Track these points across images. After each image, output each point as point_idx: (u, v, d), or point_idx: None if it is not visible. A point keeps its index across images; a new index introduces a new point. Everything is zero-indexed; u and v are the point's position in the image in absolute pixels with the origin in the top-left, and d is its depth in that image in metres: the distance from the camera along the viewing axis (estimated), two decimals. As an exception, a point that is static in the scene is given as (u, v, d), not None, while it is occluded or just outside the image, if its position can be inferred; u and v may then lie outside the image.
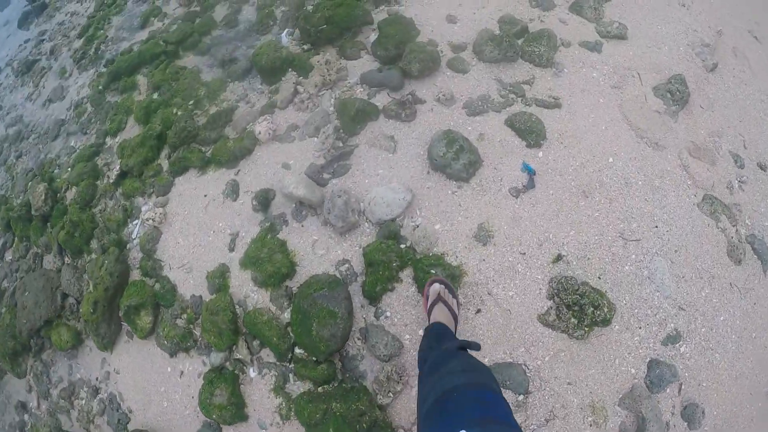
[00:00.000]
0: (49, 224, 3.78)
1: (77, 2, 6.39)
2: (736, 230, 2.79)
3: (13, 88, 5.63)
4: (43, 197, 3.78)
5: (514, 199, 2.70)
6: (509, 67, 3.23)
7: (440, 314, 2.09)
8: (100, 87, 4.20)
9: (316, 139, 3.06)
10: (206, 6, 4.34)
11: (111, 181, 3.54)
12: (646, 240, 2.59)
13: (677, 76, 3.22)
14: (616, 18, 3.61)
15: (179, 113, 3.52)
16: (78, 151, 3.96)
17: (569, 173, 2.78)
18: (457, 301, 2.28)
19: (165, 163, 3.43)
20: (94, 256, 3.48)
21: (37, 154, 4.33)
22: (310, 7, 3.73)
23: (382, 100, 3.15)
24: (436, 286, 2.20)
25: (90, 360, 3.36)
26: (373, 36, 3.47)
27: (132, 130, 3.77)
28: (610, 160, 2.85)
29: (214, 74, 3.73)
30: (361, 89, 3.23)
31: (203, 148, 3.32)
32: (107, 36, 4.84)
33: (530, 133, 2.86)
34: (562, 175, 2.77)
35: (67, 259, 3.64)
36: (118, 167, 3.55)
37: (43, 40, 6.02)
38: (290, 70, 3.41)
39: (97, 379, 3.26)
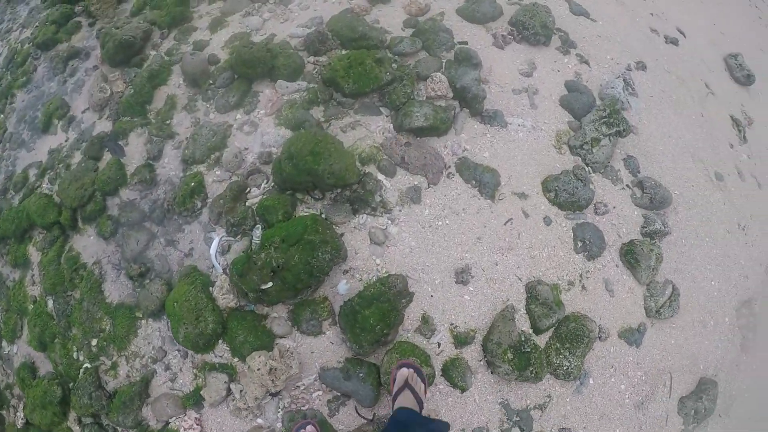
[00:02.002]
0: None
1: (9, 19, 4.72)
2: None
3: None
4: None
5: None
6: (523, 383, 2.25)
7: (405, 400, 1.97)
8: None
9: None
10: (117, 130, 2.95)
11: (18, 426, 2.80)
12: None
13: (710, 385, 2.55)
14: (671, 272, 2.69)
15: (82, 359, 2.60)
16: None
17: None
18: (425, 386, 2.06)
19: (76, 429, 2.62)
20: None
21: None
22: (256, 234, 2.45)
23: (346, 417, 2.20)
24: (404, 371, 2.03)
25: None
26: (344, 285, 2.31)
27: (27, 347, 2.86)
28: None
29: (120, 289, 2.64)
30: (320, 393, 2.23)
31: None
32: (6, 128, 3.50)
33: None
34: None
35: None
36: (22, 412, 2.76)
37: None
38: (221, 341, 2.36)
39: None
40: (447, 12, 3.27)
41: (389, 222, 2.44)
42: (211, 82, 2.96)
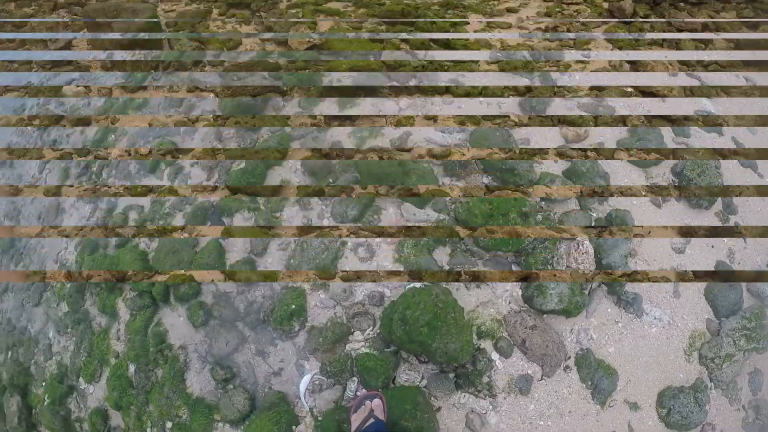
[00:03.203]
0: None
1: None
2: None
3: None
4: (17, 418, 3.23)
5: None
6: None
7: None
8: (82, 268, 3.12)
9: None
10: (223, 207, 2.79)
11: (75, 457, 2.93)
12: None
13: None
14: None
15: (151, 435, 2.62)
16: (54, 371, 3.18)
17: None
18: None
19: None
20: None
21: (20, 309, 3.57)
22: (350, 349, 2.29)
23: None
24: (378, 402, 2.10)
25: None
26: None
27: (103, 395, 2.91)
28: None
29: (202, 383, 2.59)
30: None
31: None
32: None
33: None
34: None
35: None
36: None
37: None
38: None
39: None
40: (606, 144, 2.88)
41: (490, 408, 2.24)
42: (331, 180, 2.71)
